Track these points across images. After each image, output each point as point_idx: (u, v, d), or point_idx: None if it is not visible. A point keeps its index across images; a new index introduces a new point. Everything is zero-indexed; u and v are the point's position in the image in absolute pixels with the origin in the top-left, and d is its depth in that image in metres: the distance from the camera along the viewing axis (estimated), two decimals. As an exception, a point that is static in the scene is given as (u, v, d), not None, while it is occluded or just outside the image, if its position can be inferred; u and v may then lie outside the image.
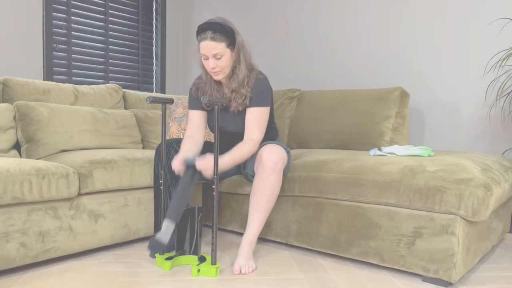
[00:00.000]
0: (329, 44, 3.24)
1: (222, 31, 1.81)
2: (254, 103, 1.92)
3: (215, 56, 1.83)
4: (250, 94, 1.91)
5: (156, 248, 1.67)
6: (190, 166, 1.79)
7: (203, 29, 1.82)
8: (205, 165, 1.77)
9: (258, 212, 1.88)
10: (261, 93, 1.92)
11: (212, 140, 2.58)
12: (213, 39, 1.80)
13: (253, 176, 2.03)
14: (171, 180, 2.02)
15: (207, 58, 1.85)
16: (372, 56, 3.04)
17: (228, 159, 1.84)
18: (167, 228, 1.69)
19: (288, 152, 2.06)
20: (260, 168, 1.87)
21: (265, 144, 1.98)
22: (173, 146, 2.04)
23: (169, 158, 2.02)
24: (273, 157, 1.85)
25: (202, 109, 2.04)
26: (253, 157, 2.00)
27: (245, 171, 2.09)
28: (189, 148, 1.94)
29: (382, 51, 2.99)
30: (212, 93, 1.98)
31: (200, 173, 1.79)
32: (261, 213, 1.88)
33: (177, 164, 1.83)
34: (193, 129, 2.03)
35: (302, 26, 3.39)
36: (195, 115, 2.04)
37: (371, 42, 3.04)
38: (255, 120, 1.92)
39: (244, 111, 1.97)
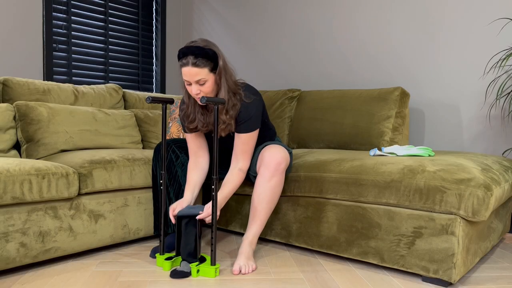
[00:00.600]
0: (329, 44, 3.24)
1: (204, 55, 1.70)
2: (241, 129, 1.85)
3: (198, 82, 1.74)
4: (233, 121, 1.83)
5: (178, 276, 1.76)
6: (184, 217, 1.82)
7: (184, 54, 1.71)
8: (206, 215, 1.79)
9: (260, 213, 1.88)
10: (248, 119, 1.83)
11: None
12: (194, 64, 1.70)
13: (254, 177, 2.03)
14: (169, 181, 2.02)
15: (189, 84, 1.76)
16: (372, 56, 3.04)
17: (222, 197, 1.84)
18: (186, 265, 1.80)
19: (290, 153, 2.06)
20: (263, 168, 1.86)
21: (267, 145, 1.97)
22: (171, 146, 2.04)
23: (167, 159, 2.02)
24: (276, 158, 1.84)
25: (196, 131, 1.96)
26: (254, 157, 2.00)
27: (247, 171, 2.08)
28: (196, 180, 1.94)
29: (382, 51, 2.99)
30: (196, 117, 1.88)
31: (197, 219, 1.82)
32: (262, 213, 1.88)
33: (173, 219, 1.86)
34: (195, 153, 1.98)
35: (302, 26, 3.39)
36: (192, 139, 1.97)
37: (371, 42, 3.04)
38: (243, 146, 1.87)
39: (229, 135, 1.93)
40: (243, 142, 1.87)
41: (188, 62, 1.71)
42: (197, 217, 1.79)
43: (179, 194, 2.01)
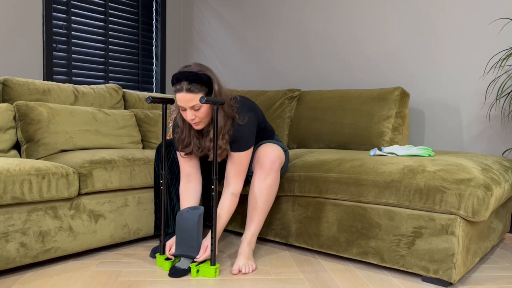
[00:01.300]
0: (329, 44, 3.24)
1: (198, 81, 1.67)
2: (233, 148, 1.81)
3: (193, 108, 1.70)
4: (228, 144, 1.80)
5: (177, 274, 1.76)
6: (181, 255, 1.83)
7: (178, 79, 1.68)
8: (204, 258, 1.78)
9: (257, 212, 1.88)
10: (241, 139, 1.80)
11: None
12: (189, 90, 1.66)
13: (251, 176, 2.03)
14: (171, 180, 2.02)
15: (184, 110, 1.72)
16: (372, 56, 3.04)
17: (220, 228, 1.82)
18: (185, 262, 1.81)
19: (286, 151, 2.05)
20: (258, 167, 1.86)
21: (262, 144, 1.97)
22: (173, 146, 2.04)
23: (169, 159, 2.02)
24: (270, 157, 1.85)
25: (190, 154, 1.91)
26: (251, 157, 2.00)
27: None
28: (191, 198, 1.89)
29: (382, 51, 2.99)
30: (192, 142, 1.85)
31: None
32: (259, 213, 1.88)
33: (169, 255, 1.86)
34: (187, 175, 1.93)
35: (302, 26, 3.39)
36: (185, 161, 1.91)
37: (371, 42, 3.04)
38: (236, 166, 1.82)
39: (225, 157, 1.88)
40: (235, 162, 1.82)
41: (182, 88, 1.67)
42: (195, 259, 1.78)
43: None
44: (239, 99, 1.85)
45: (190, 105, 1.69)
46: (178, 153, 1.91)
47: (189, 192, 1.91)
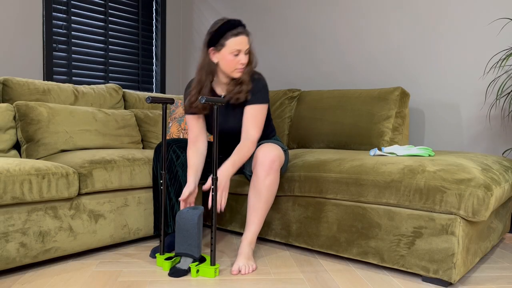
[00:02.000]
0: (329, 44, 3.24)
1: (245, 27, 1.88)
2: (251, 100, 1.92)
3: (246, 51, 1.87)
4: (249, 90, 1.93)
5: (177, 274, 1.77)
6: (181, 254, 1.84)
7: (234, 25, 1.84)
8: (208, 186, 1.82)
9: (257, 212, 1.88)
10: (259, 91, 1.93)
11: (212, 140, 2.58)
12: (247, 34, 1.86)
13: (251, 176, 2.03)
14: (170, 180, 2.02)
15: (237, 54, 1.86)
16: (372, 56, 3.04)
17: (229, 165, 1.85)
18: (187, 261, 1.82)
19: (285, 151, 2.05)
20: (257, 167, 1.86)
21: (261, 144, 1.97)
22: (172, 146, 2.04)
23: (168, 159, 2.02)
24: (269, 156, 1.85)
25: (198, 112, 2.01)
26: (251, 156, 2.00)
27: (243, 170, 2.08)
28: (198, 164, 1.97)
29: (382, 51, 2.99)
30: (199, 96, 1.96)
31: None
32: (259, 213, 1.88)
33: (182, 205, 1.90)
34: (196, 136, 2.02)
35: (302, 26, 3.39)
36: (194, 121, 2.02)
37: (371, 42, 3.04)
38: (253, 117, 1.92)
39: (242, 107, 1.97)
40: (252, 115, 1.92)
41: (243, 32, 1.85)
42: (203, 188, 1.83)
43: (179, 194, 2.01)
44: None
45: (247, 47, 1.87)
46: (186, 116, 2.03)
47: (198, 150, 2.00)
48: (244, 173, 2.08)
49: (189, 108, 1.98)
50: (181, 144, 2.08)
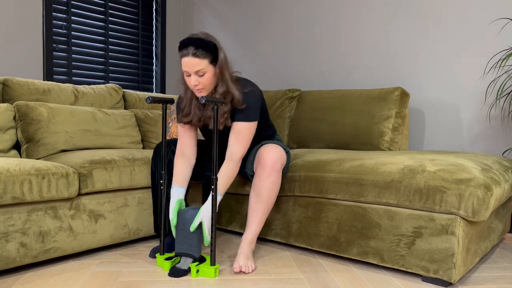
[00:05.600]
0: (329, 44, 3.24)
1: (205, 47, 1.72)
2: (238, 118, 1.84)
3: (198, 73, 1.75)
4: (230, 110, 1.83)
5: (177, 274, 1.77)
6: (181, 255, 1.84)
7: (185, 45, 1.73)
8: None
9: (257, 212, 1.88)
10: (247, 108, 1.83)
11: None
12: (195, 55, 1.72)
13: (252, 176, 2.03)
14: (169, 181, 2.02)
15: (189, 75, 1.77)
16: (372, 56, 3.04)
17: (219, 188, 1.81)
18: (185, 262, 1.81)
19: (287, 152, 2.05)
20: (259, 168, 1.86)
21: (264, 144, 1.97)
22: (171, 147, 2.04)
23: (167, 159, 2.02)
24: (272, 157, 1.85)
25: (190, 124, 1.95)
26: (252, 156, 2.00)
27: (244, 170, 2.08)
28: (186, 174, 1.92)
29: (382, 51, 2.99)
30: (192, 111, 1.89)
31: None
32: (260, 213, 1.88)
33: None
34: (184, 144, 1.95)
35: (303, 26, 3.39)
36: (184, 130, 1.95)
37: (371, 42, 3.04)
38: (237, 134, 1.84)
39: (228, 128, 1.92)
40: (238, 131, 1.84)
41: (188, 53, 1.72)
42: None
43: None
44: (243, 77, 1.90)
45: (195, 70, 1.74)
46: (178, 124, 1.96)
47: (185, 157, 1.94)
48: (246, 173, 2.08)
49: (180, 119, 1.92)
50: (181, 144, 2.07)
